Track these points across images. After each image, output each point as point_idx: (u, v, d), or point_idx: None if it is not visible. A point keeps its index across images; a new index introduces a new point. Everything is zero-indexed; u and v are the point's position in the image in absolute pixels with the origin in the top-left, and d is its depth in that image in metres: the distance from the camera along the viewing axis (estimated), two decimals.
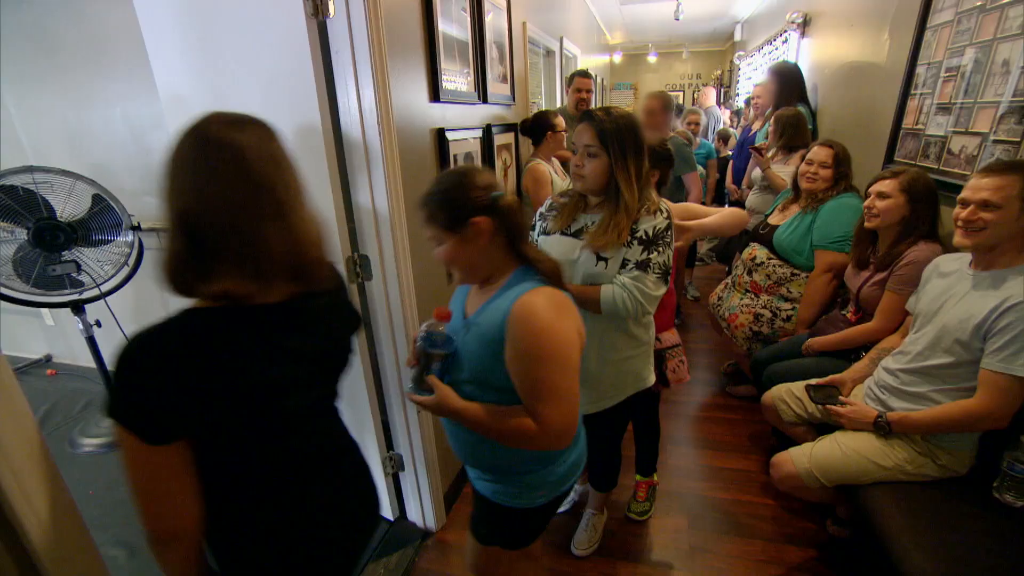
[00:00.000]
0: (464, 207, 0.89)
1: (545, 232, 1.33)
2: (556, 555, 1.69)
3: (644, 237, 1.18)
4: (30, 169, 1.91)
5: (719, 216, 1.50)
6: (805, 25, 3.33)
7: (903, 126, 1.90)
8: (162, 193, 0.68)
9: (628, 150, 1.17)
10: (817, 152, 1.98)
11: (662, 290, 1.20)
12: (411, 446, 1.69)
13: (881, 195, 1.58)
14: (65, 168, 1.98)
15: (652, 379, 1.42)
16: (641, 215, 1.20)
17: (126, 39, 2.05)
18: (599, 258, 1.21)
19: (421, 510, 1.79)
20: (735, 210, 1.51)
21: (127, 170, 2.34)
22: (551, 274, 0.94)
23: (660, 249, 1.18)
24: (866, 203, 1.63)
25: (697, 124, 3.67)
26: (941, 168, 1.63)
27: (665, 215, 1.20)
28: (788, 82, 2.83)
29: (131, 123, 2.26)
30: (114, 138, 2.30)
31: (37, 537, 0.62)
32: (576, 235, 1.26)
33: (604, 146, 1.17)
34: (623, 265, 1.19)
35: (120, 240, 2.11)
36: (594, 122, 1.18)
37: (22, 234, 1.92)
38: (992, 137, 1.41)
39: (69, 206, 1.99)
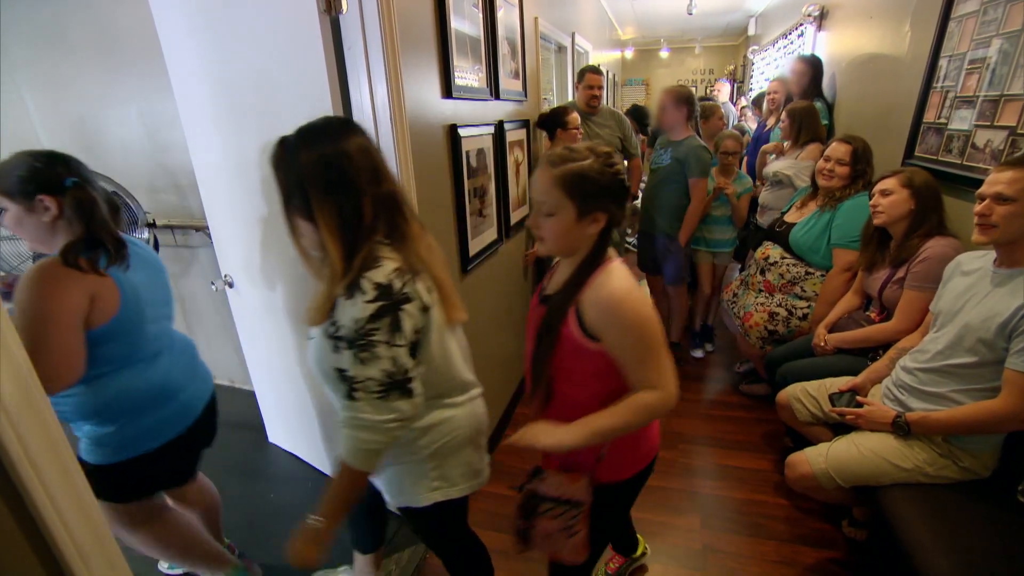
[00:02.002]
0: (35, 180, 1.00)
1: None
2: None
3: (343, 336, 0.83)
4: None
5: (616, 411, 0.90)
6: (822, 18, 3.27)
7: (924, 120, 1.85)
8: None
9: (311, 189, 0.83)
10: (835, 148, 1.93)
11: (396, 409, 0.85)
12: None
13: (884, 192, 1.60)
14: None
15: (424, 500, 1.04)
16: (338, 292, 0.83)
17: (141, 38, 2.07)
18: (309, 335, 0.93)
19: None
20: (637, 406, 0.90)
21: (143, 167, 2.37)
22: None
23: (369, 353, 0.81)
24: (872, 202, 1.65)
25: (722, 119, 3.14)
26: (965, 163, 1.59)
27: (371, 296, 0.81)
28: (819, 72, 2.78)
29: (146, 121, 2.28)
30: (130, 136, 2.33)
31: (58, 530, 0.63)
32: None
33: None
34: (342, 378, 0.86)
35: (136, 237, 2.14)
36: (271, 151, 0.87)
37: None
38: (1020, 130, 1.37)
39: None
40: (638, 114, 3.68)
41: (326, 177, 0.83)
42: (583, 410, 0.93)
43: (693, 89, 2.78)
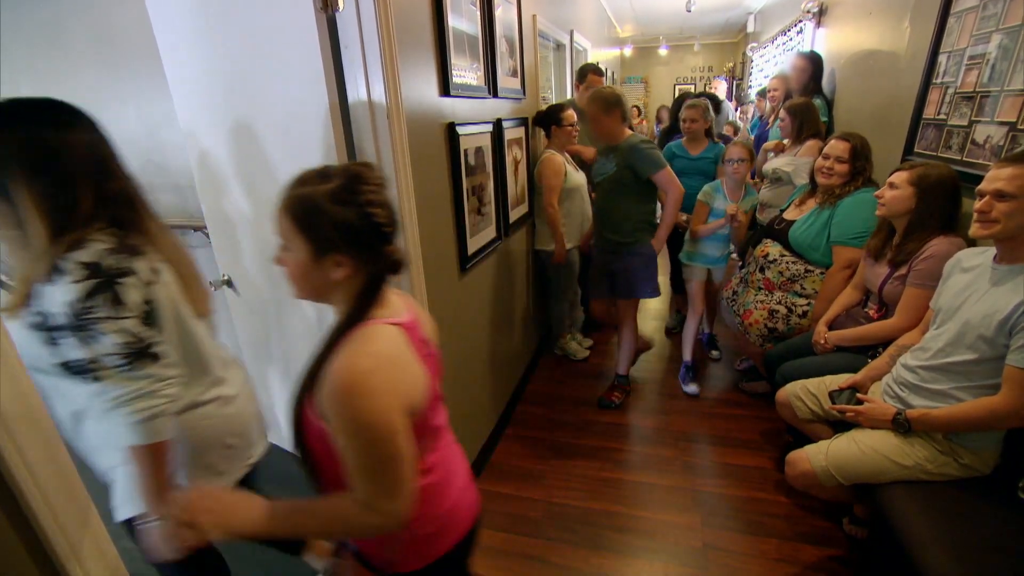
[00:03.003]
0: None
1: None
2: (556, 549, 1.68)
3: (58, 324, 0.78)
4: None
5: None
6: (821, 15, 3.26)
7: (924, 116, 1.85)
8: None
9: (12, 169, 0.78)
10: (834, 146, 1.93)
11: (149, 374, 0.82)
12: None
13: (891, 185, 1.59)
14: None
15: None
16: (36, 277, 0.79)
17: (138, 37, 2.06)
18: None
19: None
20: (338, 515, 0.76)
21: (140, 167, 2.35)
22: None
23: (93, 332, 0.78)
24: (878, 192, 1.64)
25: (694, 121, 2.72)
26: (964, 159, 1.59)
27: (78, 275, 0.77)
28: (819, 68, 2.77)
29: (144, 120, 2.28)
30: (128, 135, 2.32)
31: (50, 527, 0.63)
32: None
33: None
34: (74, 369, 0.80)
35: None
36: None
37: None
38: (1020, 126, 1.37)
39: None
40: None
41: (34, 160, 0.79)
42: None
43: (691, 87, 2.72)
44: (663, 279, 3.82)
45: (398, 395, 0.70)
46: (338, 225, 0.69)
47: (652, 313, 3.63)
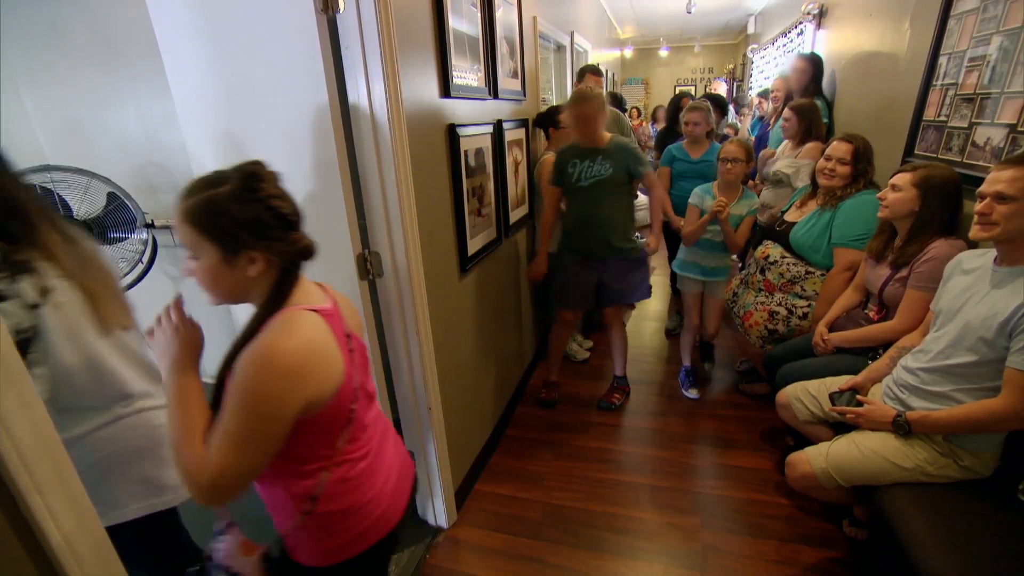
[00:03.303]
0: None
1: None
2: (555, 550, 1.68)
3: None
4: (47, 168, 1.94)
5: None
6: (821, 16, 3.27)
7: (924, 118, 1.85)
8: None
9: None
10: (836, 147, 1.93)
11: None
12: (423, 443, 1.69)
13: (894, 187, 1.58)
14: (81, 167, 2.00)
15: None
16: None
17: (139, 38, 2.07)
18: None
19: (432, 507, 1.79)
20: (180, 454, 0.78)
21: (141, 168, 2.36)
22: None
23: None
24: (880, 194, 1.64)
25: (697, 124, 2.67)
26: (965, 161, 1.59)
27: None
28: (819, 70, 2.77)
29: (145, 121, 2.28)
30: (128, 136, 2.33)
31: (48, 527, 0.62)
32: None
33: None
34: None
35: (135, 238, 2.14)
36: None
37: None
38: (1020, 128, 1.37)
39: (85, 204, 2.02)
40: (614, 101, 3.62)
41: None
42: (273, 473, 0.79)
43: (692, 88, 2.70)
44: (663, 280, 3.83)
45: (303, 385, 0.72)
46: (245, 223, 0.72)
47: (652, 314, 3.62)
